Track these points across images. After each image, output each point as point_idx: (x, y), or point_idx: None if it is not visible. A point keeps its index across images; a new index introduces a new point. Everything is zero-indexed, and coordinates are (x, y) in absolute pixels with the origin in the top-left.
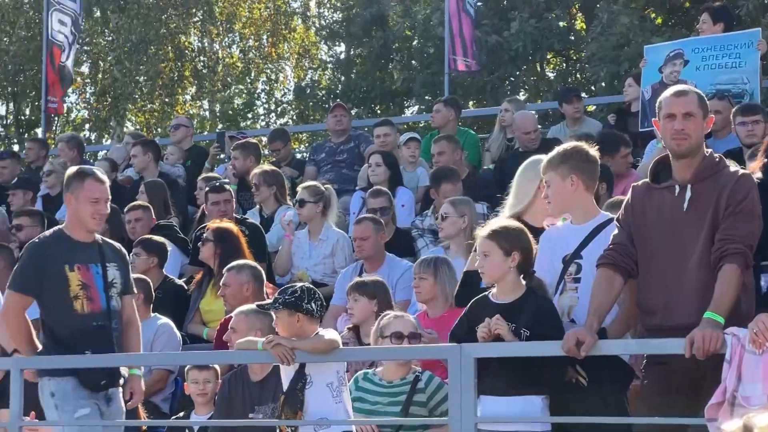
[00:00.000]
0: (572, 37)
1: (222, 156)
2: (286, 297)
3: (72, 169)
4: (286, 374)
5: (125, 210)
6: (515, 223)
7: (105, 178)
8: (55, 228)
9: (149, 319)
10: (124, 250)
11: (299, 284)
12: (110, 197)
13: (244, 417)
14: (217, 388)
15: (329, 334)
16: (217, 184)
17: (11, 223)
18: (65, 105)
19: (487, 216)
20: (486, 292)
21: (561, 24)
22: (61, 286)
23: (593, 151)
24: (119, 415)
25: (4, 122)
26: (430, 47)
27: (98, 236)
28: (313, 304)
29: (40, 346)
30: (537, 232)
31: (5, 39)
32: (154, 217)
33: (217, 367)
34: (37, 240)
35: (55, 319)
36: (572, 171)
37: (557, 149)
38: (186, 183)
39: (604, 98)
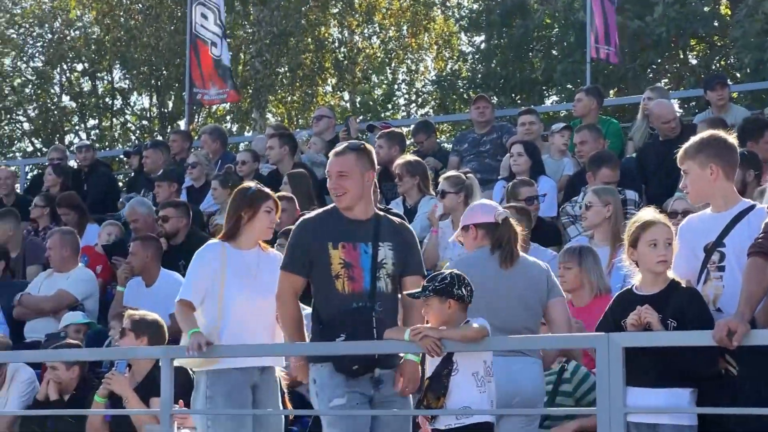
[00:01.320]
0: (716, 23)
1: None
2: (436, 284)
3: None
4: (431, 359)
5: None
6: None
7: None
8: (332, 205)
9: None
10: (409, 228)
11: (448, 271)
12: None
13: None
14: None
15: (478, 322)
16: None
17: (157, 214)
18: (234, 95)
19: (639, 204)
20: (630, 285)
21: (705, 9)
22: (324, 265)
23: (731, 138)
24: (393, 400)
25: (148, 115)
26: (571, 36)
27: (381, 212)
28: (463, 290)
29: (307, 338)
30: None
31: (149, 33)
32: (298, 207)
33: None
34: (306, 216)
35: (320, 300)
36: (710, 159)
37: (694, 138)
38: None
39: (749, 85)
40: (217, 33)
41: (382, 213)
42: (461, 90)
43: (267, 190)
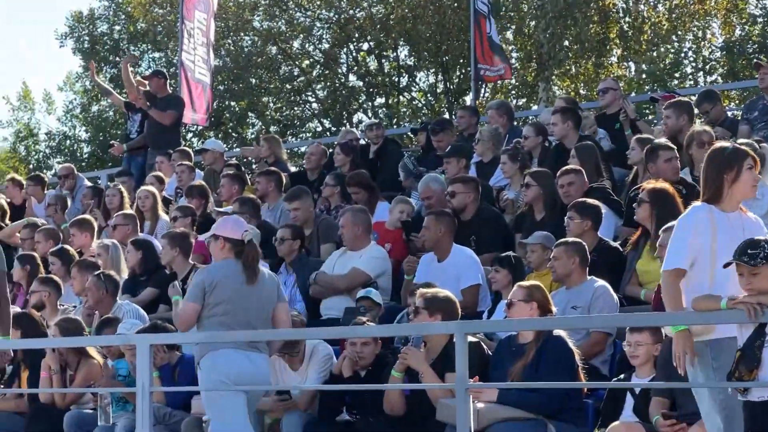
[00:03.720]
0: None
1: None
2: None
3: None
4: (742, 331)
5: (558, 174)
6: None
7: None
8: None
9: (586, 282)
10: None
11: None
12: None
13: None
14: (657, 351)
15: None
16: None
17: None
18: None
19: None
20: None
21: None
22: None
23: None
24: None
25: (434, 91)
26: None
27: None
28: None
29: None
30: None
31: (433, 9)
32: (586, 180)
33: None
34: None
35: None
36: None
37: None
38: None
39: None
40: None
41: None
42: (751, 55)
43: (744, 147)
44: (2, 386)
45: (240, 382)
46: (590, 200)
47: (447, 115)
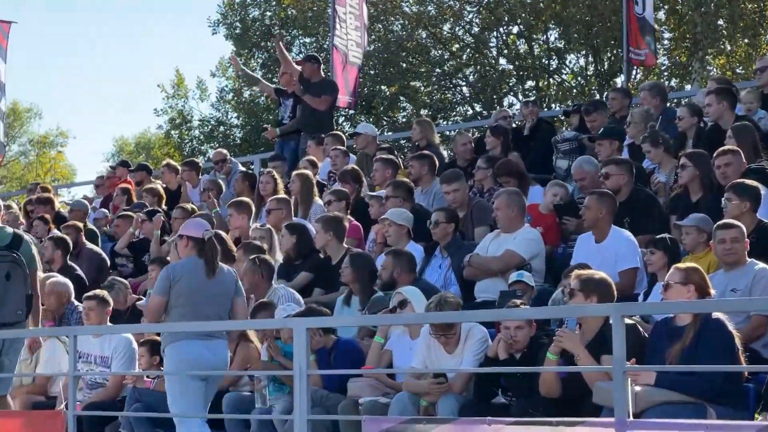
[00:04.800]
0: None
1: None
2: None
3: None
4: None
5: (714, 155)
6: None
7: None
8: None
9: (747, 265)
10: None
11: None
12: None
13: None
14: None
15: None
16: None
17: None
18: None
19: None
20: None
21: None
22: None
23: None
24: None
25: (585, 73)
26: None
27: None
28: None
29: None
30: None
31: None
32: (744, 160)
33: None
34: None
35: None
36: None
37: None
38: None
39: None
40: None
41: None
42: None
43: None
44: (161, 368)
45: (199, 368)
46: (749, 181)
47: (598, 98)
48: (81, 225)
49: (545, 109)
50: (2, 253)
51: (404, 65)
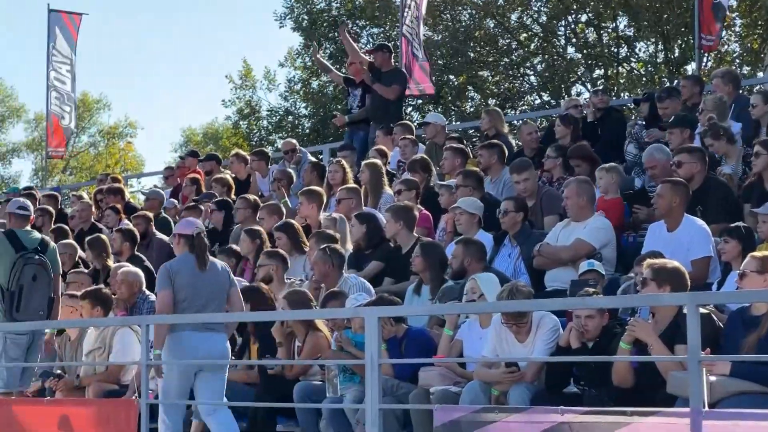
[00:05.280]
0: None
1: None
2: None
3: None
4: None
5: None
6: None
7: None
8: None
9: None
10: None
11: None
12: None
13: None
14: None
15: None
16: None
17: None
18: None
19: None
20: None
21: None
22: None
23: None
24: None
25: (655, 61)
26: None
27: None
28: None
29: None
30: None
31: None
32: None
33: None
34: None
35: None
36: None
37: None
38: None
39: None
40: None
41: None
42: None
43: None
44: (233, 358)
45: (196, 357)
46: None
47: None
48: (151, 215)
49: (614, 98)
50: (30, 256)
51: (472, 55)
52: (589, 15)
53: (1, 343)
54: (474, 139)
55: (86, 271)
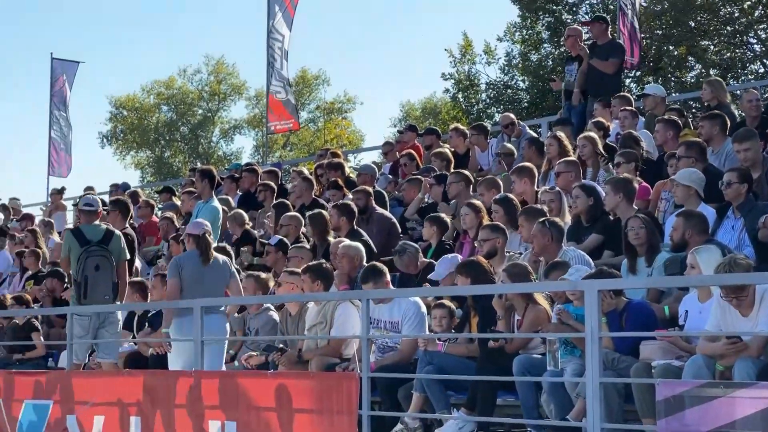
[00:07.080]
0: None
1: None
2: None
3: None
4: None
5: None
6: None
7: None
8: None
9: None
10: None
11: None
12: None
13: None
14: None
15: None
16: None
17: None
18: None
19: None
20: None
21: None
22: None
23: None
24: None
25: None
26: None
27: None
28: None
29: None
30: None
31: None
32: None
33: None
34: None
35: None
36: None
37: None
38: None
39: None
40: None
41: None
42: None
43: None
44: (453, 331)
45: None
46: None
47: None
48: (370, 189)
49: None
50: (94, 248)
51: (692, 24)
52: None
53: (75, 324)
54: (694, 110)
55: (307, 246)
